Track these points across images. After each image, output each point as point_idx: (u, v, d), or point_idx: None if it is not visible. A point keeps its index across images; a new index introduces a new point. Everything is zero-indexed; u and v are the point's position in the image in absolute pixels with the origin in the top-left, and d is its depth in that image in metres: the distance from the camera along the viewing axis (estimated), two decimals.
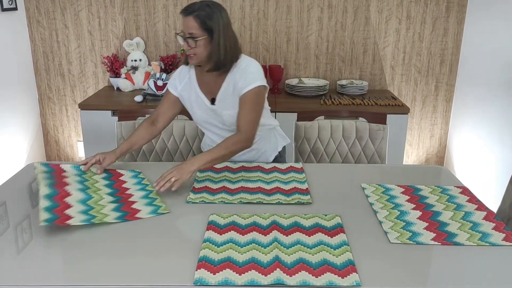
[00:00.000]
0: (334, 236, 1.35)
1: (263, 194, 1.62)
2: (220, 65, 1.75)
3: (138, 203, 1.52)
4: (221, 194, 1.62)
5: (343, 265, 1.21)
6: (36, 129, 3.38)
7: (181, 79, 1.89)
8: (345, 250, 1.28)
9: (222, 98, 1.82)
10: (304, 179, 1.75)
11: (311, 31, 3.17)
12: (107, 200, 1.52)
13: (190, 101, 1.89)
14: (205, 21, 1.67)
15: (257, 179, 1.74)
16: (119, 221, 1.41)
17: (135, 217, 1.44)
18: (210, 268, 1.19)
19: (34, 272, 1.19)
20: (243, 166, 1.87)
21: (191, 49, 1.70)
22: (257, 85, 1.74)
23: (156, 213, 1.46)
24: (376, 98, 2.98)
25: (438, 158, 3.42)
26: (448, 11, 3.10)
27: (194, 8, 1.67)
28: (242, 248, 1.29)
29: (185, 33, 1.69)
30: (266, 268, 1.19)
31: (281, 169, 1.84)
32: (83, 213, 1.42)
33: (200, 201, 1.56)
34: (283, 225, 1.42)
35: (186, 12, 1.67)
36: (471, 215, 1.50)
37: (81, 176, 1.68)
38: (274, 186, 1.69)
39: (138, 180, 1.71)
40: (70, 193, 1.50)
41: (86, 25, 3.20)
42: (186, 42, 1.69)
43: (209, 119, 1.88)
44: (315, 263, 1.22)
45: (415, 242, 1.35)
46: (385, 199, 1.62)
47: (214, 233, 1.36)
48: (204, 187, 1.66)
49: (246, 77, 1.75)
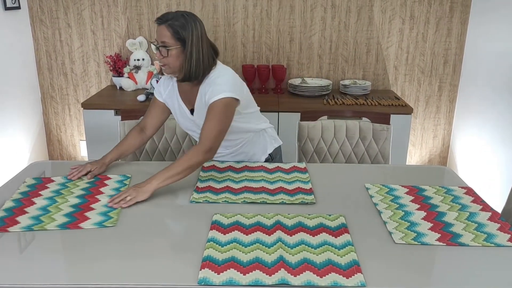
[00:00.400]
0: (338, 236, 1.35)
1: (266, 194, 1.61)
2: (191, 76, 1.72)
3: (95, 211, 1.48)
4: (225, 193, 1.61)
5: (348, 265, 1.21)
6: (38, 128, 3.38)
7: (165, 86, 1.90)
8: (349, 250, 1.28)
9: (198, 109, 1.81)
10: (307, 179, 1.75)
11: (314, 31, 3.17)
12: (68, 204, 1.52)
13: (174, 109, 1.90)
14: (178, 31, 1.66)
15: (260, 179, 1.74)
16: (59, 228, 1.38)
17: (77, 226, 1.39)
18: (214, 268, 1.18)
19: (38, 272, 1.19)
20: (247, 166, 1.86)
21: (163, 58, 1.69)
22: (223, 96, 1.68)
23: (100, 225, 1.40)
24: (379, 98, 2.98)
25: (441, 158, 3.41)
26: (452, 11, 3.09)
27: (168, 17, 1.66)
28: (246, 248, 1.28)
29: (158, 42, 1.69)
30: (271, 268, 1.19)
31: (284, 169, 1.84)
32: (33, 218, 1.43)
33: (203, 201, 1.56)
34: (287, 225, 1.41)
35: (160, 20, 1.67)
36: (476, 216, 1.50)
37: (64, 184, 1.69)
38: (278, 186, 1.68)
39: (119, 185, 1.68)
40: (35, 202, 1.53)
41: (89, 24, 3.19)
42: (158, 51, 1.69)
43: (192, 127, 1.89)
44: (319, 263, 1.22)
45: (420, 242, 1.34)
46: (389, 199, 1.61)
47: (218, 233, 1.36)
48: (207, 187, 1.66)
49: (213, 88, 1.70)
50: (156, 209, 1.53)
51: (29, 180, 1.73)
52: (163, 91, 1.90)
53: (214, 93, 1.69)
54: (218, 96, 1.68)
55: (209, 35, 3.16)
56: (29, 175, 1.79)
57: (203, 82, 1.76)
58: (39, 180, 1.73)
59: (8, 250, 1.28)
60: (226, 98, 1.68)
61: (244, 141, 1.93)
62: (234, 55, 3.24)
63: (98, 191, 1.63)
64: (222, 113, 1.69)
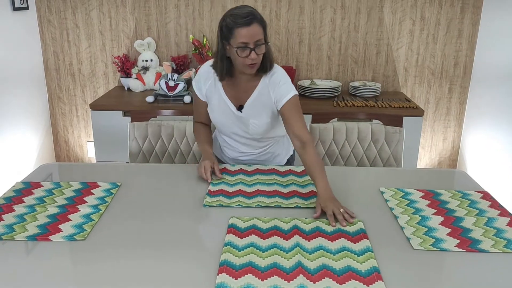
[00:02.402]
0: (357, 242, 1.32)
1: (280, 198, 1.59)
2: (270, 67, 1.74)
3: (71, 222, 1.42)
4: (238, 197, 1.59)
5: (368, 272, 1.18)
6: (46, 129, 3.36)
7: (205, 80, 1.84)
8: (369, 256, 1.25)
9: (251, 106, 1.79)
10: None
11: (323, 32, 3.14)
12: (46, 214, 1.47)
13: (213, 105, 1.85)
14: (265, 25, 1.65)
15: (273, 182, 1.71)
16: (28, 240, 1.33)
17: (47, 238, 1.33)
18: (232, 273, 1.16)
19: (47, 275, 1.17)
20: (258, 169, 1.84)
21: (258, 56, 1.64)
22: (295, 92, 1.75)
23: (70, 238, 1.33)
24: (389, 100, 2.95)
25: (451, 161, 3.38)
26: (463, 12, 3.05)
27: (253, 12, 1.61)
28: (264, 252, 1.26)
29: (251, 43, 1.60)
30: (289, 274, 1.17)
31: (297, 172, 1.81)
32: (6, 227, 1.38)
33: (217, 205, 1.53)
34: (305, 230, 1.39)
35: (249, 20, 1.59)
36: (494, 221, 1.47)
37: (50, 191, 1.64)
38: (291, 189, 1.66)
39: (105, 194, 1.61)
40: (14, 209, 1.49)
41: (97, 24, 3.18)
42: (254, 51, 1.62)
43: (231, 125, 1.85)
44: (339, 269, 1.19)
45: (439, 248, 1.31)
46: (405, 203, 1.59)
47: (235, 237, 1.33)
48: (220, 190, 1.64)
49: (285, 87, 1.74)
50: (170, 213, 1.50)
51: (18, 184, 1.69)
52: (203, 87, 1.84)
53: (286, 92, 1.73)
54: (292, 93, 1.73)
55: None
56: (38, 177, 1.77)
57: (263, 79, 1.77)
58: (28, 184, 1.69)
59: (16, 252, 1.26)
60: (295, 95, 1.75)
61: (274, 141, 1.94)
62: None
63: (81, 200, 1.57)
64: (300, 108, 1.75)
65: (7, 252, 1.28)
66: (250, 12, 1.60)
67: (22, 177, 1.88)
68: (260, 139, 1.89)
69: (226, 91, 1.81)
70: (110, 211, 1.51)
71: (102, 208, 1.51)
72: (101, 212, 1.49)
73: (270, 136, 1.90)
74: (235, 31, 1.60)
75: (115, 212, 1.50)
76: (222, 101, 1.81)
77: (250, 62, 1.64)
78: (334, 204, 1.46)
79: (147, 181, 1.76)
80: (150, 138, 2.19)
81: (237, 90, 1.80)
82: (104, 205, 1.54)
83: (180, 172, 1.84)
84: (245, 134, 1.85)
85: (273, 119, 1.83)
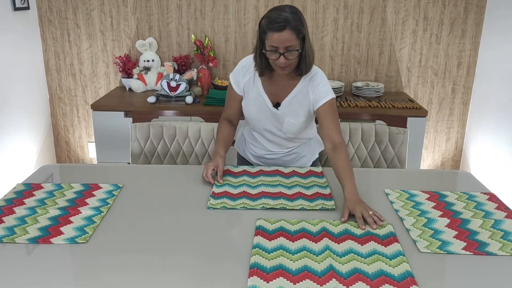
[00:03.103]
0: (388, 246, 1.30)
1: (285, 200, 1.57)
2: (307, 70, 1.73)
3: (72, 224, 1.40)
4: (242, 199, 1.57)
5: (401, 277, 1.16)
6: (46, 130, 3.35)
7: (245, 73, 1.83)
8: (401, 260, 1.23)
9: (288, 104, 1.78)
10: (325, 183, 1.70)
11: (326, 32, 3.12)
12: (47, 216, 1.44)
13: (249, 100, 1.84)
14: (300, 29, 1.60)
15: (277, 184, 1.69)
16: (29, 242, 1.30)
17: (49, 241, 1.31)
18: (263, 276, 1.15)
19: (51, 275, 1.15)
20: (262, 170, 1.82)
21: (287, 61, 1.63)
22: (333, 94, 1.76)
23: (72, 241, 1.31)
24: (393, 100, 2.93)
25: (454, 162, 3.36)
26: (467, 12, 3.03)
27: (287, 19, 1.57)
28: (294, 255, 1.24)
29: (280, 48, 1.60)
30: (321, 277, 1.15)
31: (300, 173, 1.80)
32: (6, 229, 1.36)
33: (221, 207, 1.51)
34: (334, 232, 1.37)
35: (280, 26, 1.57)
36: (501, 223, 1.45)
37: (51, 192, 1.62)
38: (296, 191, 1.64)
39: (107, 196, 1.59)
40: (15, 212, 1.47)
41: (98, 24, 3.16)
42: (283, 56, 1.61)
43: (265, 122, 1.84)
44: (371, 273, 1.17)
45: (446, 251, 1.29)
46: (411, 205, 1.57)
47: (263, 239, 1.32)
48: (224, 192, 1.62)
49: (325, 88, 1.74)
50: (174, 215, 1.48)
51: (19, 186, 1.67)
52: (242, 78, 1.83)
53: (325, 93, 1.74)
54: (329, 97, 1.74)
55: (219, 35, 3.13)
56: (39, 179, 1.75)
57: (304, 79, 1.76)
58: (29, 186, 1.67)
59: (17, 254, 1.25)
60: (333, 98, 1.76)
61: (303, 143, 1.95)
62: (245, 56, 3.18)
63: (83, 202, 1.54)
64: (336, 111, 1.77)
65: (8, 255, 1.26)
66: (285, 18, 1.57)
67: (22, 178, 1.86)
68: (291, 138, 1.88)
69: (264, 87, 1.80)
70: (112, 213, 1.49)
71: (104, 210, 1.49)
72: (103, 214, 1.47)
73: (301, 137, 1.90)
74: (267, 34, 1.60)
75: (117, 214, 1.48)
76: (260, 97, 1.81)
77: (280, 65, 1.65)
78: (363, 207, 1.44)
79: (149, 183, 1.74)
80: (152, 139, 2.18)
81: (276, 87, 1.79)
82: (106, 207, 1.52)
83: (182, 174, 1.82)
84: (277, 132, 1.85)
85: (308, 119, 1.83)
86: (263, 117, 1.83)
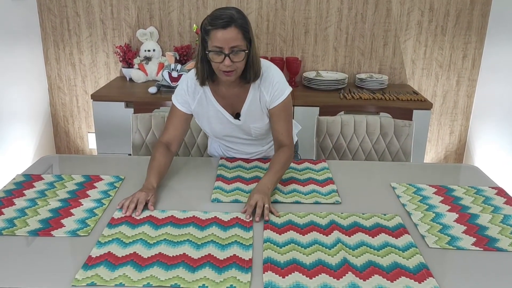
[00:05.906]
0: (399, 237, 1.29)
1: (281, 193, 1.56)
2: (256, 76, 1.59)
3: (73, 217, 1.37)
4: (236, 190, 1.57)
5: (416, 268, 1.15)
6: (45, 120, 3.30)
7: (193, 95, 1.68)
8: (414, 252, 1.22)
9: (247, 112, 1.68)
10: (324, 175, 1.69)
11: (330, 23, 3.07)
12: (48, 208, 1.41)
13: (208, 117, 1.71)
14: (247, 29, 1.49)
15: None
16: (29, 235, 1.28)
17: (49, 233, 1.28)
18: (278, 271, 1.13)
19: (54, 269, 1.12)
20: (258, 161, 1.81)
21: (233, 64, 1.49)
22: (288, 93, 1.66)
23: (73, 234, 1.28)
24: (397, 93, 2.89)
25: (457, 155, 3.33)
26: (473, 3, 2.99)
27: (232, 16, 1.45)
28: (306, 249, 1.23)
29: (225, 48, 1.46)
30: (336, 271, 1.13)
31: (297, 163, 1.77)
32: (6, 221, 1.33)
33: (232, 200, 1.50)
34: (343, 225, 1.35)
35: (225, 23, 1.44)
36: (511, 219, 1.42)
37: (52, 184, 1.58)
38: (291, 188, 1.62)
39: (109, 188, 1.56)
40: (14, 203, 1.44)
41: (98, 13, 3.11)
42: (228, 57, 1.47)
43: (232, 133, 1.75)
44: (386, 266, 1.16)
45: (455, 247, 1.27)
46: (418, 199, 1.54)
47: (273, 233, 1.30)
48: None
49: (277, 88, 1.63)
50: (176, 207, 1.45)
51: (18, 177, 1.63)
52: (192, 101, 1.69)
53: (280, 92, 1.64)
54: (285, 95, 1.65)
55: None
56: (38, 169, 1.72)
57: (255, 82, 1.63)
58: (29, 177, 1.63)
59: (17, 247, 1.22)
60: (289, 94, 1.66)
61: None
62: None
63: (84, 194, 1.51)
64: (290, 109, 1.69)
65: (8, 248, 1.23)
66: (230, 15, 1.45)
67: (21, 169, 1.83)
68: (265, 137, 1.81)
69: (219, 101, 1.68)
70: (114, 206, 1.45)
71: (106, 203, 1.46)
72: (104, 207, 1.44)
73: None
74: (211, 33, 1.46)
75: None
76: (218, 112, 1.69)
77: (225, 69, 1.50)
78: (262, 198, 1.40)
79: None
80: (154, 130, 2.14)
81: (229, 98, 1.67)
82: (107, 199, 1.49)
83: (184, 165, 1.79)
84: (249, 137, 1.77)
85: None
86: (229, 130, 1.74)
